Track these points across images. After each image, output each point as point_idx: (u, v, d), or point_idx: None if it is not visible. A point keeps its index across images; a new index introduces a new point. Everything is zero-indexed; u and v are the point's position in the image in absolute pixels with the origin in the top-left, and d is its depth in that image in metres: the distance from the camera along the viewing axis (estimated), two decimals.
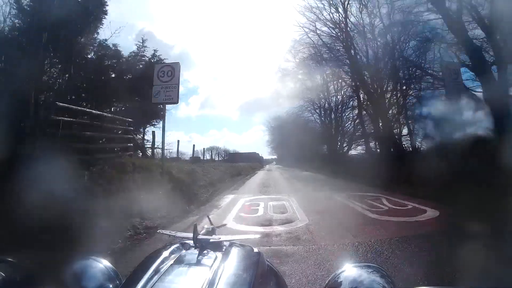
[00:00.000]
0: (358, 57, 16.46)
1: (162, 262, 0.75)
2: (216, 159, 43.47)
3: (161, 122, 10.34)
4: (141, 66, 13.83)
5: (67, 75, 9.36)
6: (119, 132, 9.72)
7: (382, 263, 3.05)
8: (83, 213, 3.86)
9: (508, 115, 9.16)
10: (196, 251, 0.81)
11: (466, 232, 3.77)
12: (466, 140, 9.51)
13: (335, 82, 20.96)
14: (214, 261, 0.75)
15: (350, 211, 6.17)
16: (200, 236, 0.87)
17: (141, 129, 14.32)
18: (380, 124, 15.45)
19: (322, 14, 16.12)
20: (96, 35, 11.10)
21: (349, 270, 0.75)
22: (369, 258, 3.29)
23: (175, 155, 17.16)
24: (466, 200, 5.52)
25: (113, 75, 12.45)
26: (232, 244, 0.88)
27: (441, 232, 4.24)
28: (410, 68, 14.66)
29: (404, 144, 15.00)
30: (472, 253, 3.02)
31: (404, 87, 15.14)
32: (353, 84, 17.89)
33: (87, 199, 4.46)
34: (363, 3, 15.19)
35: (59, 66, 9.29)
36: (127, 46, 54.55)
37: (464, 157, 8.16)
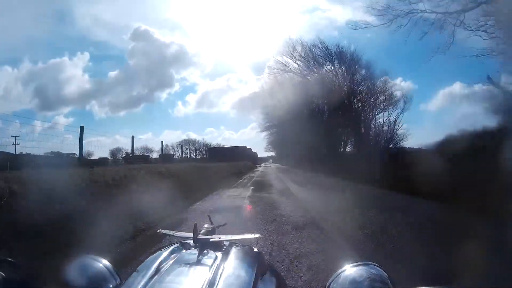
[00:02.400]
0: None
1: (163, 262, 0.76)
2: (196, 156, 37.18)
3: None
4: None
5: None
6: None
7: None
8: None
9: None
10: (196, 251, 0.81)
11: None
12: None
13: None
14: (214, 261, 0.75)
15: None
16: (200, 236, 0.88)
17: None
18: None
19: None
20: None
21: (349, 270, 0.75)
22: None
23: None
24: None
25: None
26: (232, 243, 0.89)
27: None
28: None
29: None
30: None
31: None
32: None
33: None
34: None
35: None
36: (121, 46, 54.88)
37: None
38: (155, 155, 28.49)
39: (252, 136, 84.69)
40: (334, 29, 31.49)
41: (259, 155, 60.88)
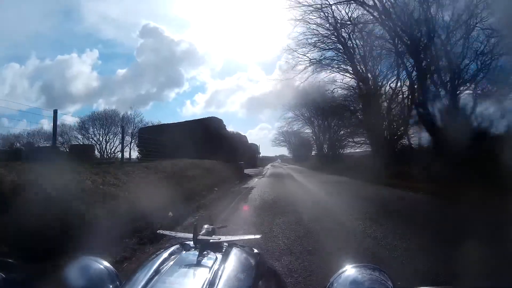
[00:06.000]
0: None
1: (162, 262, 0.76)
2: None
3: None
4: None
5: None
6: None
7: None
8: None
9: None
10: (196, 252, 0.81)
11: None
12: None
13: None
14: (214, 262, 0.75)
15: None
16: (200, 237, 0.88)
17: None
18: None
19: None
20: None
21: (350, 270, 0.75)
22: None
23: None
24: None
25: None
26: (232, 244, 0.89)
27: None
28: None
29: None
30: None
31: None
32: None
33: None
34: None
35: None
36: (130, 44, 54.10)
37: None
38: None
39: (260, 136, 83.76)
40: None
41: (263, 154, 49.15)
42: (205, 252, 0.81)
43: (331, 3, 15.13)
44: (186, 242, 0.88)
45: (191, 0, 55.55)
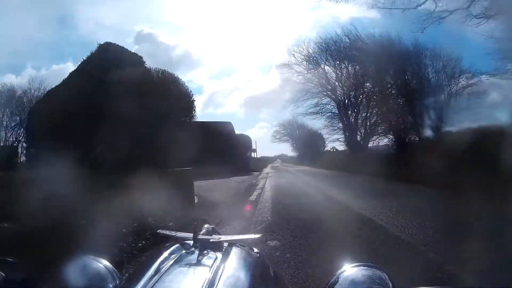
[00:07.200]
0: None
1: (162, 262, 0.76)
2: None
3: None
4: None
5: None
6: None
7: None
8: None
9: None
10: (196, 251, 0.81)
11: None
12: None
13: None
14: (214, 261, 0.75)
15: None
16: (200, 236, 0.88)
17: None
18: None
19: None
20: None
21: (349, 270, 0.75)
22: None
23: None
24: None
25: None
26: (232, 244, 0.89)
27: None
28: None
29: None
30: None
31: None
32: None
33: None
34: None
35: None
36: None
37: None
38: None
39: (260, 136, 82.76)
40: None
41: (261, 154, 43.00)
42: (205, 252, 0.81)
43: None
44: (186, 242, 0.88)
45: (184, 5, 54.97)
